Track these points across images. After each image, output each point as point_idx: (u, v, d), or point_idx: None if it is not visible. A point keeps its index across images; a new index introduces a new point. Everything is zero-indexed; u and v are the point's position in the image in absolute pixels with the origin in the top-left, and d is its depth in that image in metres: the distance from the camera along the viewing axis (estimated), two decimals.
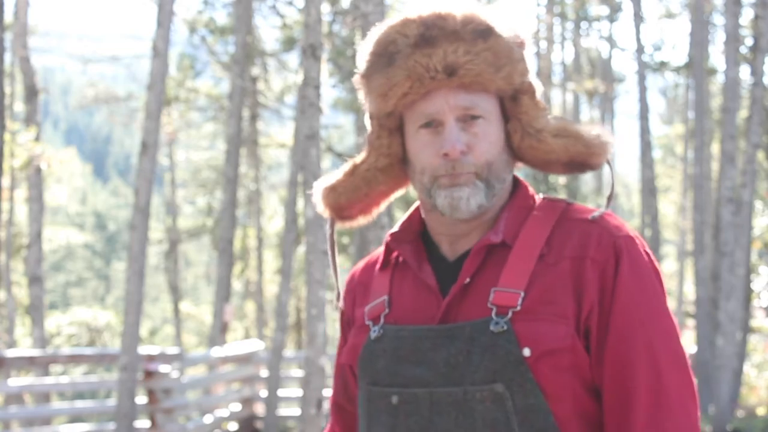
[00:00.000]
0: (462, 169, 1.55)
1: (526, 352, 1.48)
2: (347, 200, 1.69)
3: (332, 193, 1.69)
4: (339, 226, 1.74)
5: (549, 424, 1.48)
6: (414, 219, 1.69)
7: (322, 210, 1.71)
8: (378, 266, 1.73)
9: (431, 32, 1.55)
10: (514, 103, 1.60)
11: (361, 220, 1.74)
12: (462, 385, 1.50)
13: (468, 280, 1.56)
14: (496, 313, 1.51)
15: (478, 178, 1.56)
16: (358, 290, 1.76)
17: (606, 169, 1.67)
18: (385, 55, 1.57)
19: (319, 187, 1.71)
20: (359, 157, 1.68)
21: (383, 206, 1.75)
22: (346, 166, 1.69)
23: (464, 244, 1.62)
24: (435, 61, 1.54)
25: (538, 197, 1.67)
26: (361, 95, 1.65)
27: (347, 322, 1.77)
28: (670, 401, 1.49)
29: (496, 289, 1.53)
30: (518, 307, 1.50)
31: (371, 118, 1.64)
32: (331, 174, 1.71)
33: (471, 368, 1.49)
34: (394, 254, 1.71)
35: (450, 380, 1.51)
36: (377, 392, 1.58)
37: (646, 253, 1.57)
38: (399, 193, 1.74)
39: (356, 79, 1.64)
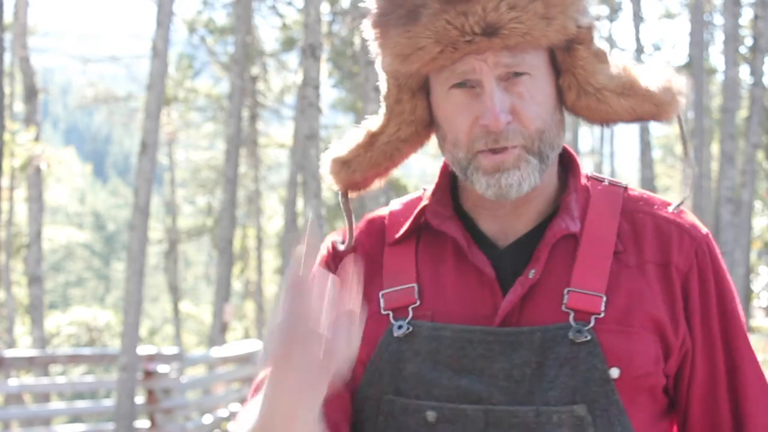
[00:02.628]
0: (507, 141, 1.24)
1: (614, 372, 1.22)
2: (363, 176, 1.38)
3: (345, 168, 1.37)
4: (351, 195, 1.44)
5: None
6: (445, 189, 1.38)
7: (332, 184, 1.41)
8: (390, 239, 1.39)
9: None
10: (567, 54, 1.28)
11: (376, 185, 1.43)
12: (533, 404, 1.22)
13: (536, 274, 1.28)
14: (575, 318, 1.24)
15: (529, 153, 1.25)
16: (365, 261, 1.39)
17: (675, 124, 1.40)
18: (405, 5, 1.24)
19: (329, 160, 1.39)
20: (375, 124, 1.36)
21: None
22: (360, 135, 1.36)
23: (513, 225, 1.33)
24: (472, 21, 1.21)
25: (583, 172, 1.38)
26: (372, 45, 1.33)
27: None
28: None
29: (570, 290, 1.25)
30: (602, 314, 1.24)
31: (388, 77, 1.32)
32: (342, 143, 1.39)
33: (544, 384, 1.22)
34: (406, 228, 1.38)
35: (514, 397, 1.22)
36: (403, 405, 1.27)
37: (719, 254, 1.36)
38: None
39: (365, 26, 1.31)
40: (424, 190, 1.43)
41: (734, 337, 1.31)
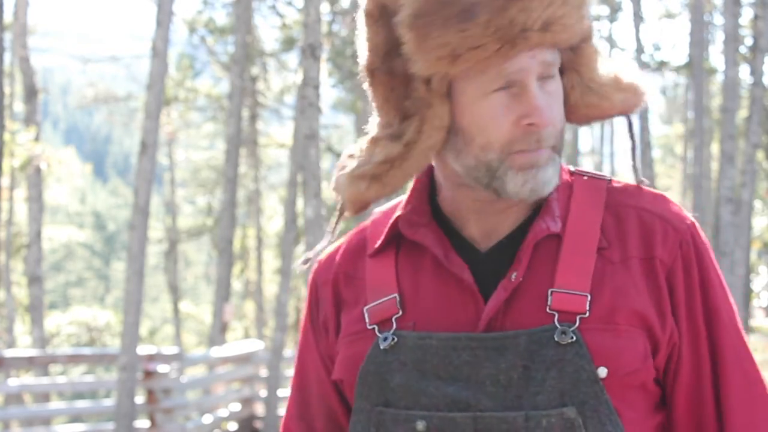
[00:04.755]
0: (546, 142, 1.23)
1: (602, 372, 1.20)
2: (392, 190, 1.30)
3: (375, 184, 1.29)
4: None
5: None
6: (422, 195, 1.36)
7: (353, 202, 1.32)
8: (370, 251, 1.37)
9: None
10: (573, 53, 1.27)
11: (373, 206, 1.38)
12: (522, 409, 1.20)
13: (518, 277, 1.25)
14: (559, 320, 1.22)
15: (555, 152, 1.26)
16: (341, 282, 1.38)
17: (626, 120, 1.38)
18: (456, 4, 1.19)
19: (348, 177, 1.30)
20: (409, 134, 1.26)
21: None
22: (392, 149, 1.27)
23: (497, 227, 1.30)
24: (534, 16, 1.18)
25: (565, 167, 1.36)
26: (393, 46, 1.24)
27: (323, 323, 1.39)
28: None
29: (554, 291, 1.23)
30: (587, 314, 1.22)
31: (412, 79, 1.24)
32: (359, 157, 1.31)
33: (531, 388, 1.20)
34: (382, 239, 1.35)
35: (503, 403, 1.20)
36: (392, 416, 1.25)
37: (706, 242, 1.32)
38: None
39: (402, 22, 1.22)
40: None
41: (719, 329, 1.28)
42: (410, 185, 1.38)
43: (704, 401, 1.28)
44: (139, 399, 9.24)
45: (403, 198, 1.39)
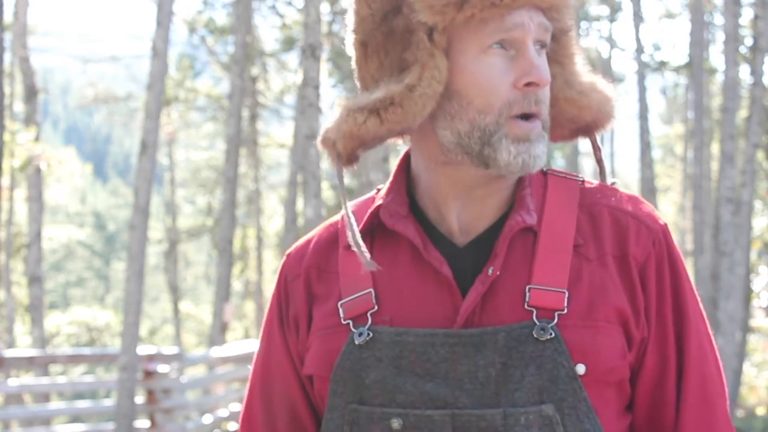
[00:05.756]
0: (543, 105, 1.23)
1: (580, 369, 1.19)
2: (387, 131, 1.25)
3: (372, 119, 1.24)
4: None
5: None
6: (401, 187, 1.34)
7: (341, 139, 1.26)
8: (344, 244, 1.33)
9: None
10: (555, 43, 1.29)
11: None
12: (500, 407, 1.18)
13: (495, 271, 1.24)
14: (538, 316, 1.21)
15: (543, 128, 1.25)
16: (313, 276, 1.35)
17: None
18: None
19: (345, 110, 1.27)
20: (410, 78, 1.23)
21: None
22: (393, 87, 1.23)
23: (475, 221, 1.29)
24: None
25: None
26: None
27: (294, 319, 1.36)
28: (716, 417, 1.28)
29: (532, 287, 1.22)
30: (565, 310, 1.21)
31: (414, 29, 1.23)
32: (359, 96, 1.28)
33: (510, 385, 1.19)
34: (361, 226, 1.32)
35: (480, 400, 1.19)
36: (367, 414, 1.23)
37: (677, 245, 1.34)
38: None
39: None
40: (378, 190, 1.38)
41: (687, 330, 1.28)
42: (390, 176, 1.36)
43: (665, 402, 1.28)
44: (139, 399, 9.24)
45: (374, 192, 1.38)
